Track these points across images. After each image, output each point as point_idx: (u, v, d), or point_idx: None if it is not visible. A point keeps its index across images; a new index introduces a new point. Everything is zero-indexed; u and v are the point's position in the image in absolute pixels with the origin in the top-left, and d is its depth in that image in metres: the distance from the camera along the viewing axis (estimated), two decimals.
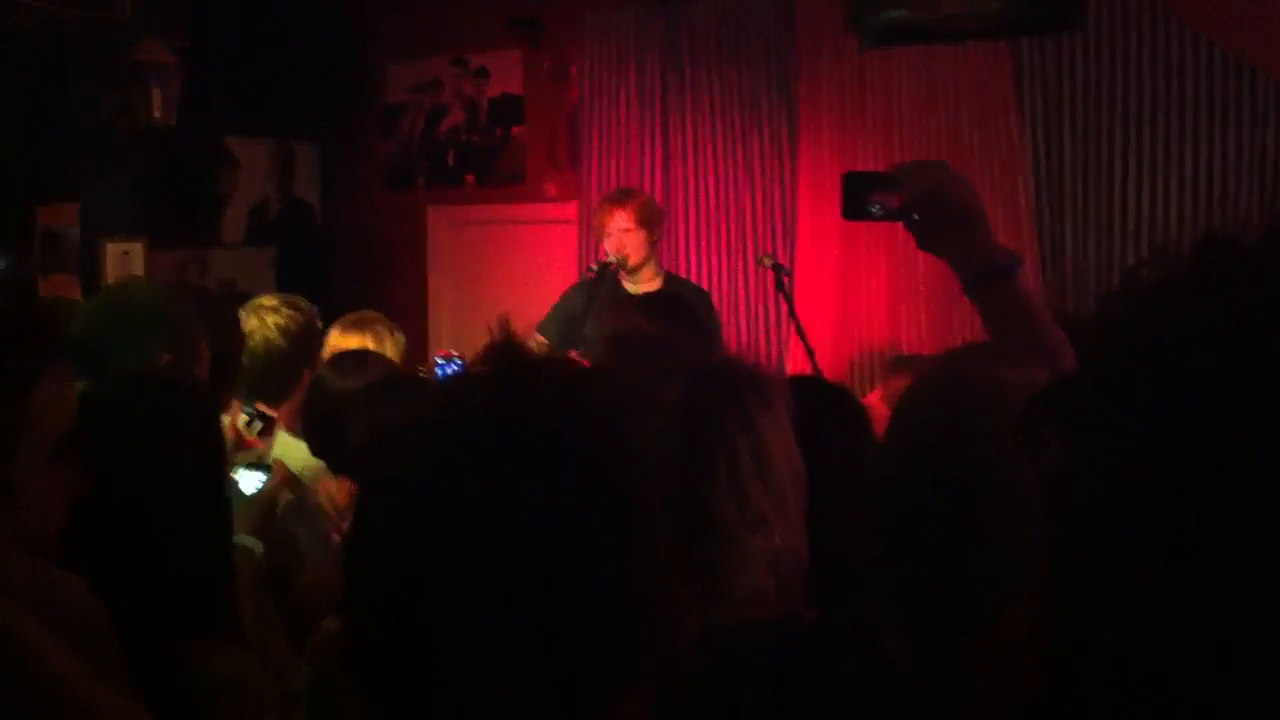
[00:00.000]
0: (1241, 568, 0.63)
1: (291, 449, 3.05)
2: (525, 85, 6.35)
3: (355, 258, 6.53)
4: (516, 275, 6.19)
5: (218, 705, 1.57)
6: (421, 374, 3.85)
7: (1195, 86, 4.95)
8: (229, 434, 2.64)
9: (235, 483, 2.56)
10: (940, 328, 5.16)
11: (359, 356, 3.20)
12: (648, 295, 4.55)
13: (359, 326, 3.80)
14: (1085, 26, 4.90)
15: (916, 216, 1.76)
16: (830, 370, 5.05)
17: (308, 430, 3.04)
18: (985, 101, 5.18)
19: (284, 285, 5.60)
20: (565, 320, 4.83)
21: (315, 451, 2.99)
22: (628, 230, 4.85)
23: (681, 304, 3.78)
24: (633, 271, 4.88)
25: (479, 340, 1.10)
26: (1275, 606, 0.62)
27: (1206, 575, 0.64)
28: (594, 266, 5.03)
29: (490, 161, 6.44)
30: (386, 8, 6.44)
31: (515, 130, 6.38)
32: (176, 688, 1.54)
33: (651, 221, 4.94)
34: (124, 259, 5.08)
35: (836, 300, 5.50)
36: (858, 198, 1.82)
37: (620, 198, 5.00)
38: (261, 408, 3.09)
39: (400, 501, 0.97)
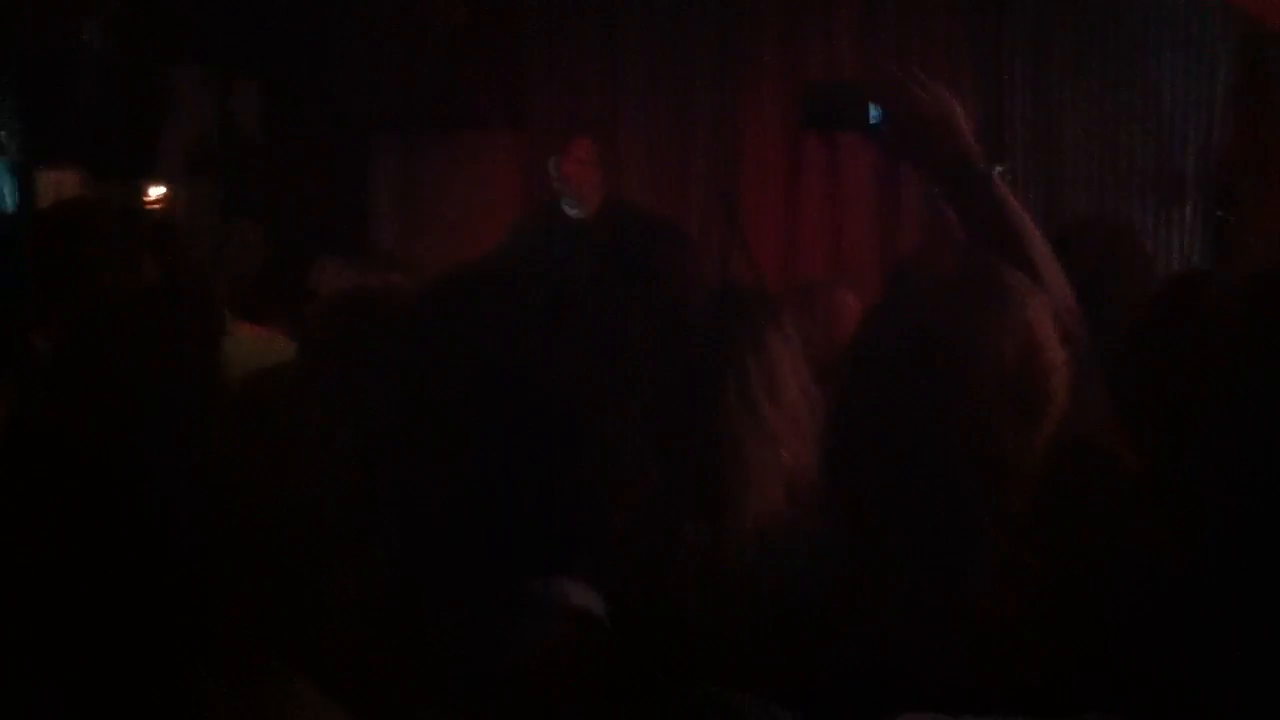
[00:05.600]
0: None
1: None
2: (471, 14, 6.23)
3: (298, 191, 6.43)
4: (462, 211, 6.11)
5: None
6: None
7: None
8: None
9: None
10: (887, 248, 5.17)
11: None
12: None
13: None
14: None
15: (880, 125, 1.70)
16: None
17: None
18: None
19: (226, 218, 5.53)
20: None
21: None
22: (584, 163, 4.80)
23: None
24: (578, 198, 4.82)
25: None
26: None
27: None
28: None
29: (437, 93, 6.31)
30: None
31: (462, 61, 6.25)
32: None
33: (608, 160, 4.91)
34: (58, 189, 4.96)
35: (783, 224, 5.49)
36: (818, 106, 1.79)
37: (580, 129, 4.95)
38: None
39: None
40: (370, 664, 1.07)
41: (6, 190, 3.32)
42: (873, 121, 1.71)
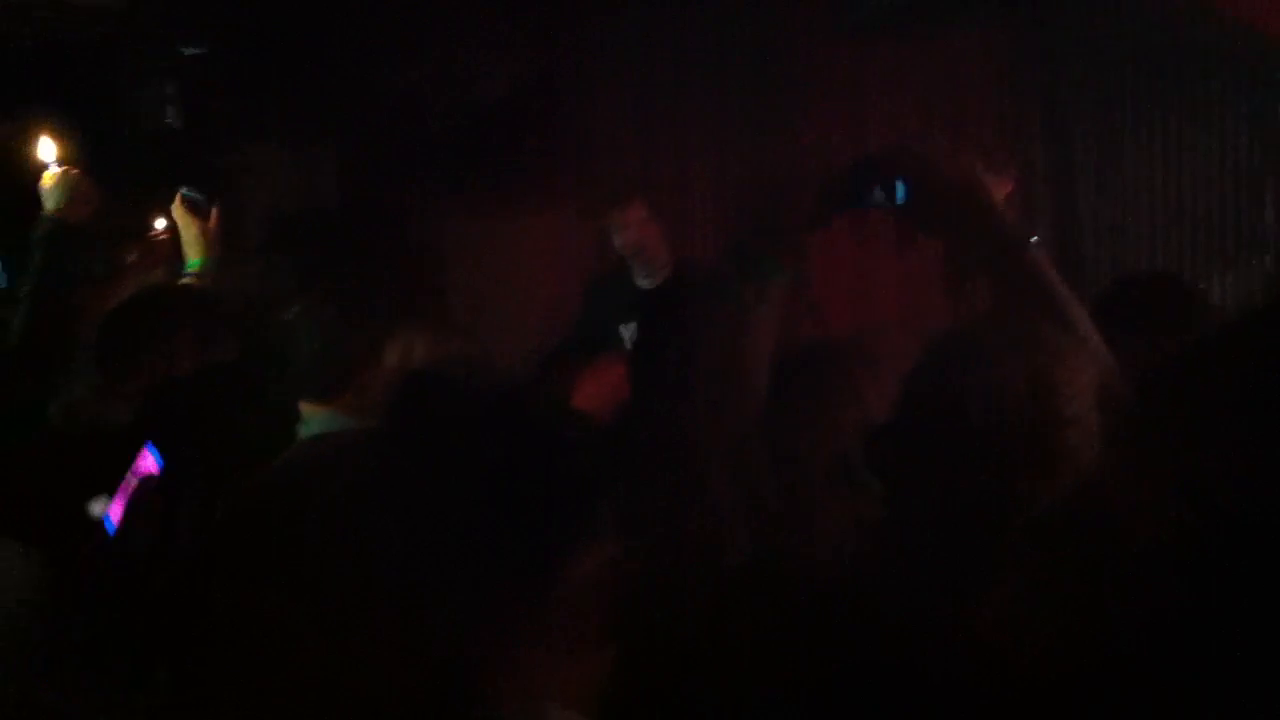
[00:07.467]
0: None
1: None
2: (542, 79, 6.27)
3: (374, 265, 6.45)
4: (541, 279, 6.15)
5: None
6: None
7: (1207, 53, 4.90)
8: None
9: None
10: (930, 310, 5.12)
11: None
12: None
13: None
14: None
15: (904, 201, 1.68)
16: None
17: None
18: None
19: (309, 293, 5.61)
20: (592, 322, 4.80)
21: None
22: (643, 223, 4.83)
23: None
24: (647, 264, 4.84)
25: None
26: None
27: None
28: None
29: (508, 158, 6.32)
30: None
31: (537, 127, 6.26)
32: None
33: (667, 213, 4.94)
34: None
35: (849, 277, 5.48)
36: (834, 189, 1.75)
37: (631, 193, 4.98)
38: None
39: None
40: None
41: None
42: (898, 200, 1.68)
